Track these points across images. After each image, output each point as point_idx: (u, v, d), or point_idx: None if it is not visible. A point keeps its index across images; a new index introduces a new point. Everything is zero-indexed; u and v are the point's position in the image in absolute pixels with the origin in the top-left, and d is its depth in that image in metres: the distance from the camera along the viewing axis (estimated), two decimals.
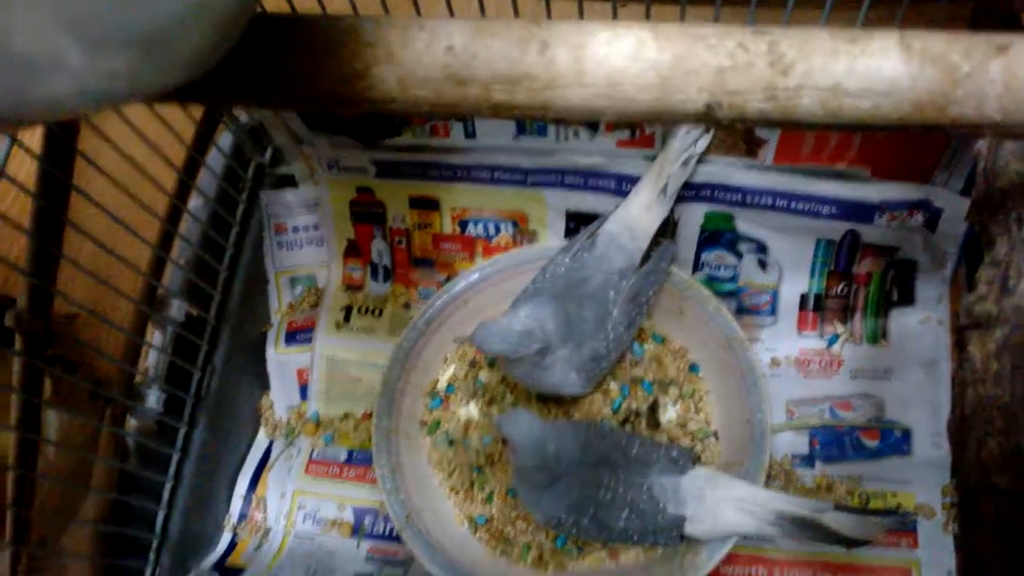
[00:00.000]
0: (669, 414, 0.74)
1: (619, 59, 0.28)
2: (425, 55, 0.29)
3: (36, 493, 0.63)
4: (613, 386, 0.74)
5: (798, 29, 0.29)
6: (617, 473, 0.62)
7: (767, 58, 0.28)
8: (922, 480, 0.70)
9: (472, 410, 0.77)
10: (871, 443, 0.72)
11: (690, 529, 0.62)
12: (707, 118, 0.29)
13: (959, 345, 0.66)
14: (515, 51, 0.29)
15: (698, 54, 0.28)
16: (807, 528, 0.59)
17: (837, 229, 0.71)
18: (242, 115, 0.80)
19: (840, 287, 0.75)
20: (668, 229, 0.73)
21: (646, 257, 0.70)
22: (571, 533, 0.65)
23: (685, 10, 0.63)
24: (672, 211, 0.72)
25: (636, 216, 0.69)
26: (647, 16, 0.64)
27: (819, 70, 0.28)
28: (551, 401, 0.75)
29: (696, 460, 0.67)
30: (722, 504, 0.61)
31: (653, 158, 0.71)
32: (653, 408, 0.73)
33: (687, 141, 0.68)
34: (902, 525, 0.68)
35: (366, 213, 0.83)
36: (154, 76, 0.22)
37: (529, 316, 0.64)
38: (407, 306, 0.84)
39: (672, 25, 0.29)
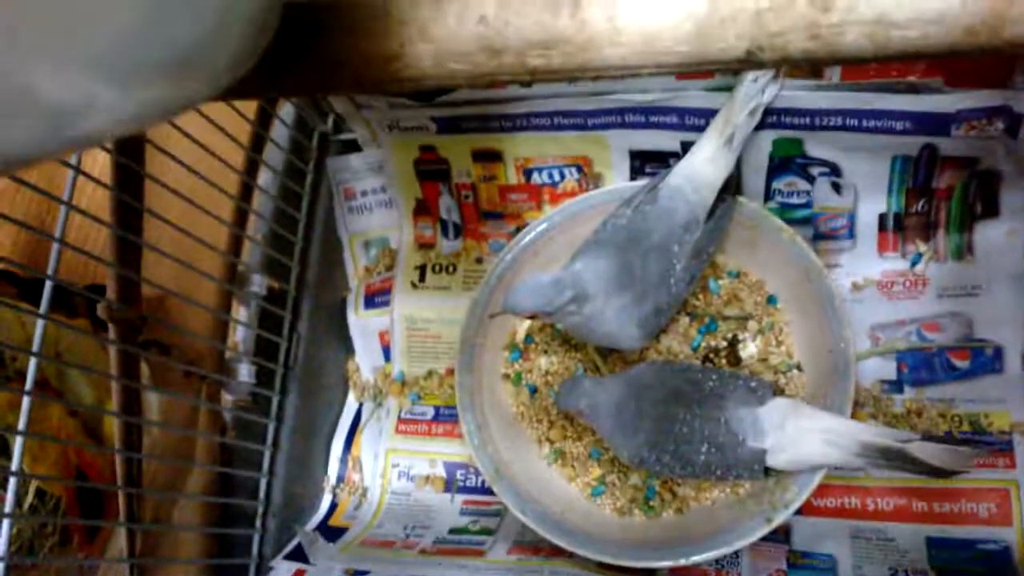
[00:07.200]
0: (749, 349, 0.73)
1: (653, 13, 0.28)
2: (458, 29, 0.29)
3: (144, 473, 0.66)
4: (690, 325, 0.74)
5: None
6: (692, 407, 0.62)
7: None
8: (1016, 398, 0.68)
9: (553, 359, 0.77)
10: (962, 363, 0.70)
11: (772, 461, 0.61)
12: (749, 64, 0.28)
13: None
14: (547, 15, 0.28)
15: None
16: (895, 458, 0.58)
17: (913, 144, 0.69)
18: None
19: (920, 204, 0.72)
20: (731, 186, 0.70)
21: (711, 212, 0.67)
22: (655, 470, 0.65)
23: None
24: (738, 164, 0.69)
25: (700, 169, 0.67)
26: None
27: (863, 2, 0.27)
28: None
29: (779, 392, 0.66)
30: (805, 435, 0.60)
31: (714, 90, 0.69)
32: (733, 344, 0.73)
33: (754, 89, 0.66)
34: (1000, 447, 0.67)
35: (431, 171, 0.83)
36: (194, 91, 0.23)
37: (584, 267, 0.63)
38: (479, 260, 0.85)
39: None
